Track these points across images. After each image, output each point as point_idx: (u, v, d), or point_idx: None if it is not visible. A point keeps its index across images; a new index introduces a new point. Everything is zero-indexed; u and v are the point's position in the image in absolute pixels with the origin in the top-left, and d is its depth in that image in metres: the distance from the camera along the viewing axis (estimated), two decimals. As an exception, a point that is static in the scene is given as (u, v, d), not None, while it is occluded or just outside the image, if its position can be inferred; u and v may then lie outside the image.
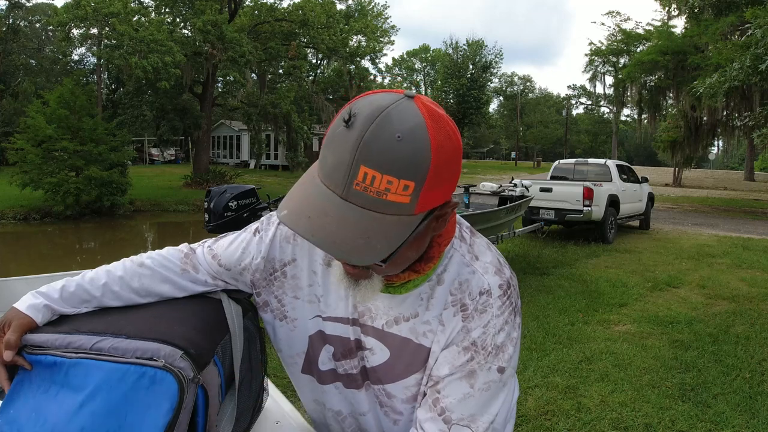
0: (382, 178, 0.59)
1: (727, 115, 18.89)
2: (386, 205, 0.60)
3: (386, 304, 0.81)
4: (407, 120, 0.60)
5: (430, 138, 0.60)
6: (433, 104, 0.65)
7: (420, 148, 0.60)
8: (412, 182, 0.60)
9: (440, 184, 0.63)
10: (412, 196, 0.60)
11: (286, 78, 26.99)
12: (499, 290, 0.77)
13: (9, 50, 31.05)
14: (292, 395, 3.43)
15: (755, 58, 10.63)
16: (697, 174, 34.57)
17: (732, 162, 61.99)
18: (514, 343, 0.78)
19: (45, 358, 0.79)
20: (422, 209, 0.63)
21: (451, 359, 0.76)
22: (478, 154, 62.16)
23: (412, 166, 0.59)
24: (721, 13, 15.51)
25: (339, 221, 0.61)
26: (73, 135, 15.13)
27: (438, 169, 0.61)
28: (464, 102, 42.65)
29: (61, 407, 0.75)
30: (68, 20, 18.25)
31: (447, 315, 0.78)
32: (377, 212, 0.61)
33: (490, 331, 0.76)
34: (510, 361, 0.78)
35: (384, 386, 0.84)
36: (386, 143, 0.59)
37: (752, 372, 3.78)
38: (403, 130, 0.59)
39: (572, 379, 3.65)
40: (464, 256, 0.80)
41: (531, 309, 5.33)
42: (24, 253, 11.42)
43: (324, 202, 0.62)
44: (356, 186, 0.60)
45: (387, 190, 0.60)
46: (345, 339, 0.85)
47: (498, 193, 8.03)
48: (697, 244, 9.48)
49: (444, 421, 0.75)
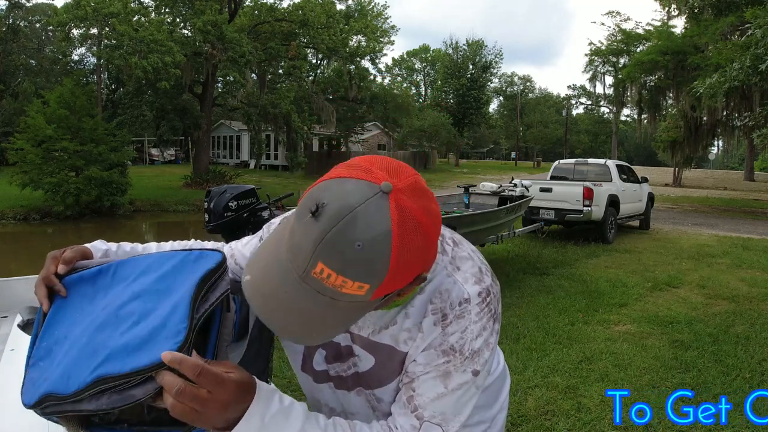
0: (337, 277, 0.60)
1: (727, 115, 18.89)
2: (340, 295, 0.62)
3: (372, 314, 0.83)
4: (372, 227, 0.59)
5: (392, 247, 0.60)
6: (409, 195, 0.63)
7: (378, 258, 0.60)
8: (366, 284, 0.61)
9: (402, 277, 0.63)
10: (368, 292, 0.62)
11: (286, 78, 26.98)
12: (478, 298, 0.78)
13: (9, 50, 31.04)
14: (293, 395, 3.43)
15: (755, 58, 10.63)
16: (697, 174, 34.57)
17: (732, 162, 61.99)
18: (490, 348, 0.81)
19: (88, 271, 0.85)
20: (379, 296, 0.64)
21: (428, 360, 0.78)
22: (478, 154, 62.16)
23: (368, 272, 0.60)
24: (721, 13, 15.51)
25: (292, 302, 0.63)
26: (73, 135, 15.13)
27: (398, 270, 0.61)
28: (464, 102, 42.69)
29: (108, 297, 0.80)
30: (68, 20, 18.25)
31: (427, 323, 0.79)
32: (331, 298, 0.63)
33: (468, 337, 0.78)
34: (485, 365, 0.81)
35: (373, 391, 0.87)
36: (346, 248, 0.59)
37: (752, 372, 3.78)
38: (364, 239, 0.59)
39: (572, 379, 3.65)
40: (446, 267, 0.81)
41: (531, 309, 5.33)
42: (24, 253, 11.42)
43: (283, 279, 0.64)
44: (314, 274, 0.61)
45: (342, 286, 0.61)
46: (335, 344, 0.88)
47: (498, 193, 8.03)
48: (697, 244, 9.48)
49: (416, 417, 0.77)
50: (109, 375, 0.68)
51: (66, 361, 0.75)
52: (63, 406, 0.72)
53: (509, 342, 4.35)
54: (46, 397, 0.74)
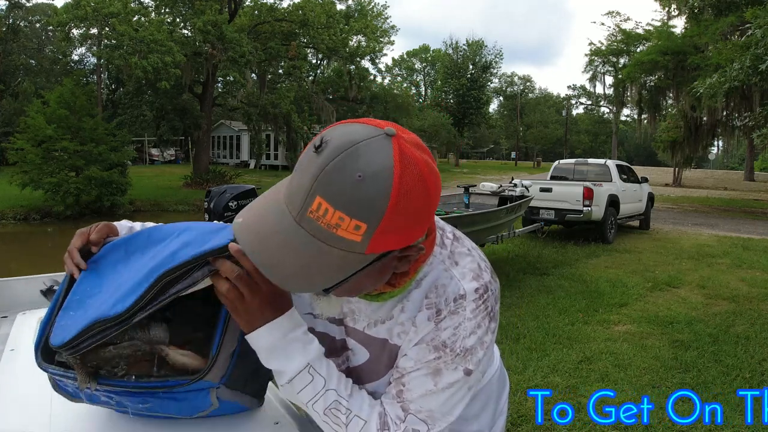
0: (334, 213, 0.58)
1: (727, 115, 18.88)
2: (335, 239, 0.60)
3: (367, 307, 0.82)
4: (374, 161, 0.58)
5: (393, 184, 0.58)
6: (412, 145, 0.62)
7: (379, 194, 0.58)
8: (364, 224, 0.58)
9: (398, 230, 0.61)
10: (364, 236, 0.59)
11: (286, 78, 26.99)
12: (474, 294, 0.76)
13: (9, 50, 31.04)
14: (292, 395, 3.37)
15: (755, 58, 10.63)
16: (697, 174, 34.56)
17: (732, 162, 61.97)
18: (485, 347, 0.77)
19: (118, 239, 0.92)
20: (374, 251, 0.62)
21: (419, 355, 0.76)
22: (478, 154, 62.14)
23: (366, 209, 0.58)
24: (721, 13, 15.51)
25: (285, 244, 0.61)
26: (73, 135, 15.13)
27: (396, 216, 0.59)
28: (464, 102, 42.69)
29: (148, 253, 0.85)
30: (68, 20, 18.25)
31: (421, 317, 0.77)
32: (325, 243, 0.60)
33: (461, 334, 0.75)
34: (479, 364, 0.77)
35: (366, 386, 0.84)
36: (346, 180, 0.58)
37: (752, 372, 3.78)
38: (366, 171, 0.58)
39: (572, 379, 3.65)
40: (444, 262, 0.79)
41: (531, 309, 5.33)
42: (24, 253, 11.42)
43: (278, 221, 0.62)
44: (310, 214, 0.59)
45: (337, 225, 0.58)
46: (331, 338, 0.87)
47: (498, 193, 8.03)
48: (697, 244, 9.48)
49: (402, 409, 0.77)
50: (172, 266, 0.77)
51: (117, 293, 0.81)
52: (108, 330, 0.78)
53: (509, 342, 4.35)
54: (91, 326, 0.78)
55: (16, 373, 1.16)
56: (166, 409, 0.89)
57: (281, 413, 1.01)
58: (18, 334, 1.40)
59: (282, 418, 0.99)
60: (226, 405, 0.93)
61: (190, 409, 0.89)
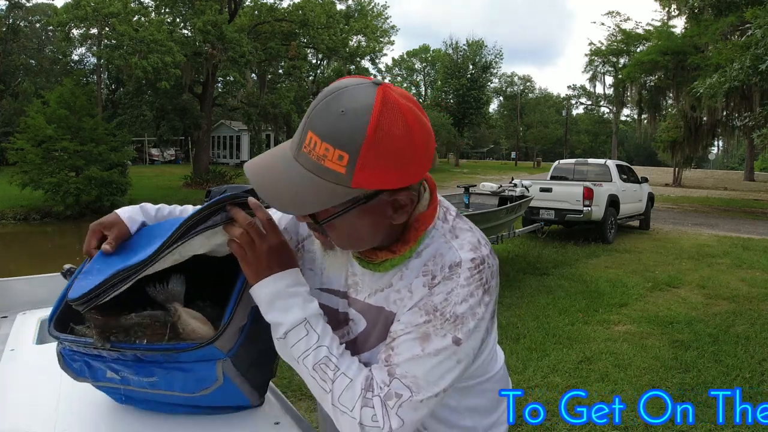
0: (321, 144, 0.68)
1: (727, 115, 18.88)
2: (324, 171, 0.69)
3: (369, 278, 0.85)
4: (357, 100, 0.68)
5: (371, 119, 0.66)
6: (398, 95, 0.70)
7: (358, 126, 0.66)
8: (345, 154, 0.67)
9: (379, 167, 0.68)
10: (347, 168, 0.67)
11: (286, 78, 27.00)
12: (470, 263, 0.78)
13: (9, 50, 31.04)
14: (292, 395, 3.39)
15: (755, 58, 10.63)
16: (697, 174, 34.55)
17: (732, 162, 61.96)
18: (476, 319, 0.78)
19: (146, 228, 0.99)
20: (359, 185, 0.69)
21: (410, 319, 0.78)
22: (478, 154, 62.13)
23: (346, 139, 0.66)
24: (721, 13, 15.51)
25: (282, 174, 0.72)
26: (73, 135, 15.14)
27: (374, 149, 0.66)
28: (464, 102, 42.66)
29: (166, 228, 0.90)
30: (68, 20, 18.27)
31: (416, 284, 0.80)
32: (317, 176, 0.69)
33: (452, 300, 0.77)
34: (469, 336, 0.77)
35: (360, 356, 0.86)
36: (331, 115, 0.68)
37: (752, 372, 3.78)
38: (348, 107, 0.67)
39: (572, 379, 3.65)
40: (444, 235, 0.82)
41: (531, 309, 5.33)
42: (24, 253, 11.43)
43: (279, 158, 0.74)
44: (304, 149, 0.70)
45: (324, 156, 0.68)
46: (334, 310, 0.90)
47: (498, 193, 8.03)
48: (697, 244, 9.48)
49: (389, 373, 0.77)
50: (194, 212, 0.83)
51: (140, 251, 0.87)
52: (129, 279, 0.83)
53: (509, 342, 4.35)
54: (112, 276, 0.82)
55: (17, 373, 1.17)
56: (170, 385, 0.89)
57: (282, 413, 1.01)
58: (18, 334, 1.40)
59: (282, 417, 0.99)
60: (228, 391, 0.93)
61: (195, 382, 0.89)
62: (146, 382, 0.89)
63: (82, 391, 1.06)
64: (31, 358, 1.25)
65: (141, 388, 0.91)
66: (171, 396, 0.92)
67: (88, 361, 0.91)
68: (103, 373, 0.91)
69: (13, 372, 1.17)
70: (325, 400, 0.79)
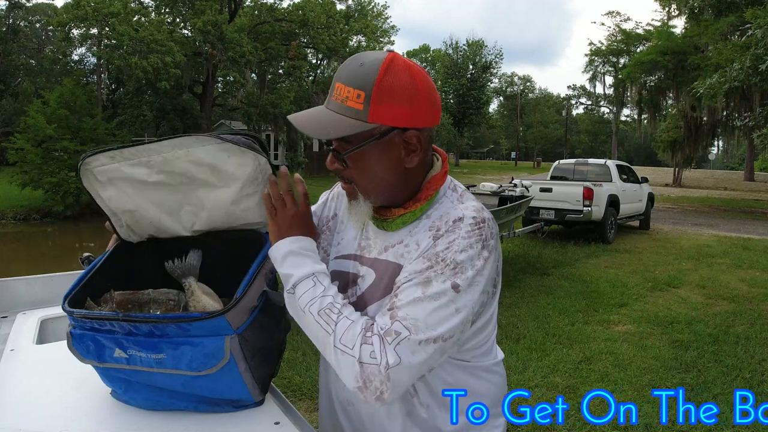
0: (344, 88, 0.84)
1: (727, 115, 18.89)
2: (347, 110, 0.84)
3: (382, 237, 0.95)
4: (372, 56, 0.85)
5: (382, 65, 0.83)
6: (406, 61, 0.86)
7: (372, 71, 0.83)
8: (362, 91, 0.82)
9: (389, 101, 0.83)
10: (364, 104, 0.82)
11: (286, 78, 26.97)
12: (471, 219, 0.86)
13: (9, 50, 31.02)
14: (292, 395, 3.38)
15: (755, 58, 10.64)
16: (697, 174, 34.55)
17: (732, 162, 61.95)
18: (475, 270, 0.83)
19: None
20: (374, 119, 0.83)
21: (414, 267, 0.85)
22: (478, 154, 62.15)
23: (362, 79, 0.83)
24: (721, 13, 15.52)
25: (315, 116, 0.87)
26: (74, 135, 15.13)
27: (384, 86, 0.82)
28: (464, 102, 42.62)
29: None
30: (68, 20, 18.27)
31: (423, 237, 0.88)
32: (342, 115, 0.84)
33: (454, 248, 0.83)
34: (468, 286, 0.82)
35: (368, 308, 0.92)
36: (352, 66, 0.85)
37: (752, 372, 3.78)
38: (365, 60, 0.84)
39: (572, 379, 3.65)
40: (453, 201, 0.92)
41: (531, 309, 5.33)
42: (24, 253, 11.43)
43: (315, 109, 0.89)
44: (333, 97, 0.86)
45: (347, 98, 0.83)
46: (345, 273, 0.98)
47: (498, 193, 8.02)
48: (697, 244, 9.48)
49: (390, 317, 0.82)
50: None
51: None
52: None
53: (509, 342, 4.35)
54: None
55: (17, 373, 1.17)
56: (178, 362, 0.91)
57: (282, 413, 1.01)
58: (18, 334, 1.40)
59: (282, 418, 0.99)
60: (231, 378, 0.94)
61: (203, 357, 0.91)
62: (153, 360, 0.91)
63: (82, 390, 1.06)
64: (31, 358, 1.25)
65: (147, 367, 0.92)
66: (175, 377, 0.93)
67: (98, 339, 0.92)
68: (110, 352, 0.92)
69: (13, 372, 1.17)
70: (327, 344, 0.83)
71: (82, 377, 1.12)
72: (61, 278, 1.70)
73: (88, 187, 1.06)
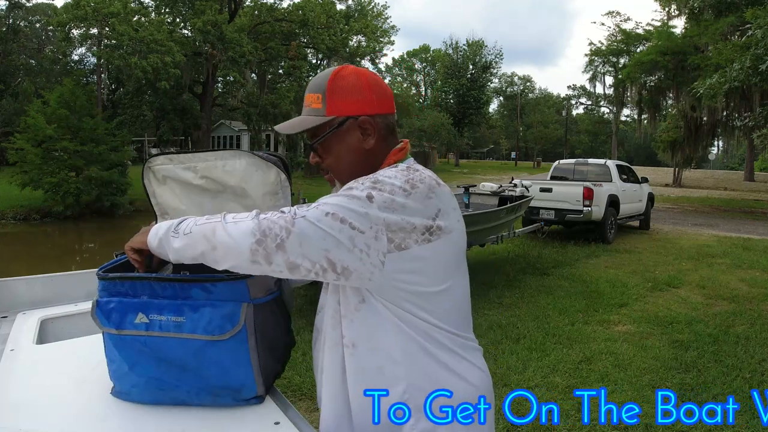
0: (309, 96, 1.04)
1: (727, 115, 18.89)
2: (312, 111, 1.03)
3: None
4: (328, 70, 1.05)
5: (332, 73, 1.02)
6: (354, 67, 1.05)
7: (325, 78, 1.03)
8: (319, 93, 1.02)
9: (340, 96, 1.01)
10: (322, 102, 1.02)
11: (286, 78, 26.97)
12: (404, 165, 1.00)
13: (9, 50, 31.01)
14: (292, 395, 3.37)
15: (755, 58, 10.63)
16: (697, 174, 34.54)
17: (732, 162, 61.95)
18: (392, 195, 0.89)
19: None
20: (331, 112, 1.01)
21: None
22: (478, 154, 62.15)
23: (319, 85, 1.03)
24: (721, 13, 15.51)
25: (292, 121, 1.07)
26: (73, 135, 15.12)
27: (335, 85, 1.01)
28: (464, 102, 42.63)
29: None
30: (68, 20, 18.26)
31: None
32: (308, 115, 1.03)
33: (380, 174, 0.94)
34: (382, 204, 0.88)
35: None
36: (315, 79, 1.05)
37: (752, 372, 3.78)
38: (322, 74, 1.04)
39: (572, 379, 3.65)
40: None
41: (531, 309, 5.33)
42: (24, 253, 11.43)
43: (294, 118, 1.09)
44: (305, 106, 1.05)
45: (311, 102, 1.03)
46: None
47: (498, 193, 8.02)
48: (697, 244, 9.48)
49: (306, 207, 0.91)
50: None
51: None
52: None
53: (509, 342, 4.35)
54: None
55: (17, 373, 1.16)
56: (195, 327, 0.97)
57: (282, 413, 1.01)
58: (18, 334, 1.40)
59: (282, 418, 0.99)
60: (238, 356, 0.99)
61: (220, 320, 0.98)
62: (173, 324, 0.97)
63: (82, 390, 1.06)
64: (31, 358, 1.25)
65: (165, 332, 0.97)
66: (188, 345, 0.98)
67: (123, 302, 1.00)
68: (132, 318, 0.98)
69: (13, 372, 1.17)
70: (217, 229, 0.88)
71: (82, 377, 1.12)
72: (61, 278, 1.70)
73: (147, 185, 1.19)
